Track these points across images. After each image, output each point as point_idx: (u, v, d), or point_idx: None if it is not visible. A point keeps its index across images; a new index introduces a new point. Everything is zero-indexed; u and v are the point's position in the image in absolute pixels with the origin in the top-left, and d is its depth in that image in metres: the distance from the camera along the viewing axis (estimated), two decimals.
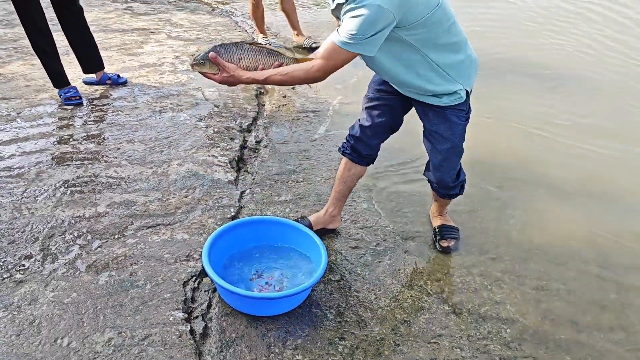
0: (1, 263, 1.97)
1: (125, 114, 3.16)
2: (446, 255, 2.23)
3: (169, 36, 4.62)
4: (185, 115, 3.19)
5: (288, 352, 1.71)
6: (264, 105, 3.56)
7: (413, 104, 1.97)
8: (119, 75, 3.56)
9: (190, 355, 1.65)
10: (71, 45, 3.33)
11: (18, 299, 1.81)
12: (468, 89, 1.87)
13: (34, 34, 3.03)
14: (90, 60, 3.43)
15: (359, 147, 2.08)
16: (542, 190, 2.71)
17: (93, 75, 3.51)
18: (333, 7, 1.72)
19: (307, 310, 1.88)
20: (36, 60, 3.41)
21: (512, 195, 2.66)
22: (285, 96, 3.67)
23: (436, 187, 2.15)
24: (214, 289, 1.92)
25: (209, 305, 1.86)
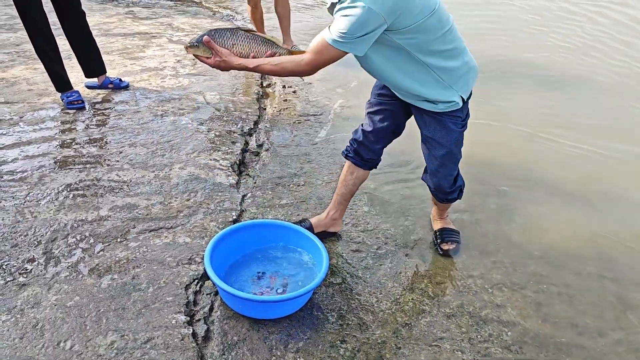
0: (4, 266, 1.98)
1: (127, 118, 3.17)
2: (447, 258, 2.24)
3: (170, 40, 4.63)
4: (187, 119, 3.21)
5: (290, 355, 1.72)
6: (265, 108, 3.58)
7: (411, 109, 1.98)
8: (120, 79, 3.58)
9: (192, 358, 1.65)
10: (73, 49, 3.35)
11: (21, 302, 1.82)
12: (464, 96, 1.87)
13: (37, 38, 3.05)
14: (92, 64, 3.44)
15: (362, 151, 2.10)
16: (543, 192, 2.72)
17: (95, 80, 3.52)
18: (328, 5, 1.74)
19: (309, 314, 1.89)
20: (38, 65, 3.43)
21: (513, 197, 2.67)
22: (286, 100, 3.69)
23: (434, 192, 2.16)
24: (216, 292, 1.93)
25: (211, 309, 1.87)
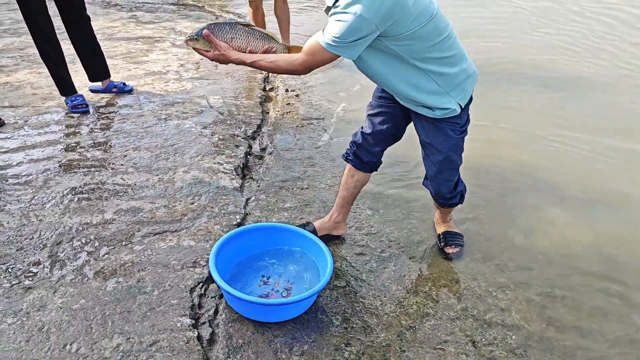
0: (10, 269, 1.99)
1: (131, 122, 3.19)
2: (451, 261, 2.24)
3: (173, 44, 4.66)
4: (191, 122, 3.22)
5: (295, 358, 1.72)
6: (268, 112, 3.59)
7: (410, 113, 1.99)
8: (124, 84, 3.59)
9: None
10: (78, 53, 3.37)
11: (27, 305, 1.83)
12: (462, 103, 1.86)
13: (41, 41, 3.07)
14: (97, 68, 3.46)
15: (361, 154, 2.10)
16: (546, 194, 2.73)
17: (99, 84, 3.54)
18: (324, 8, 1.75)
19: (313, 317, 1.90)
20: (43, 69, 3.45)
21: (516, 200, 2.67)
22: (289, 103, 3.70)
23: (434, 197, 2.17)
24: (221, 295, 1.94)
25: (216, 312, 1.88)
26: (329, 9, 1.69)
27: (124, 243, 2.16)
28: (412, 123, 2.03)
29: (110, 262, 2.05)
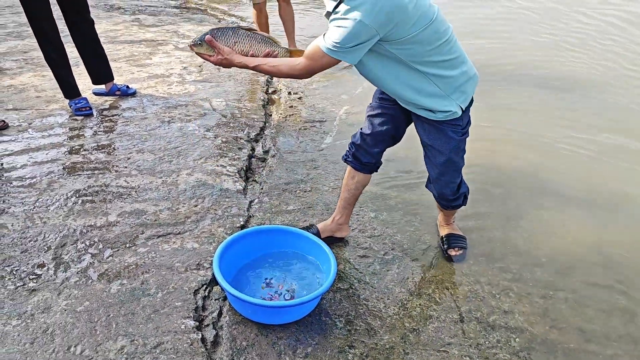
0: (14, 272, 1.99)
1: (135, 125, 3.20)
2: (454, 264, 2.24)
3: (176, 47, 4.67)
4: (194, 125, 3.23)
5: None
6: (271, 115, 3.60)
7: (411, 116, 1.99)
8: (128, 86, 3.61)
9: None
10: (81, 56, 3.39)
11: (31, 308, 1.84)
12: (462, 106, 1.87)
13: (45, 44, 3.09)
14: (100, 71, 3.48)
15: (359, 155, 2.11)
16: (549, 196, 2.73)
17: (102, 86, 3.56)
18: (324, 13, 1.76)
19: (317, 319, 1.90)
20: (47, 72, 3.46)
21: (519, 202, 2.67)
22: (292, 106, 3.71)
23: (437, 199, 2.17)
24: (224, 298, 1.94)
25: (220, 314, 1.88)
26: (329, 14, 1.70)
27: (127, 245, 2.17)
28: (413, 125, 2.04)
29: (114, 265, 2.06)
